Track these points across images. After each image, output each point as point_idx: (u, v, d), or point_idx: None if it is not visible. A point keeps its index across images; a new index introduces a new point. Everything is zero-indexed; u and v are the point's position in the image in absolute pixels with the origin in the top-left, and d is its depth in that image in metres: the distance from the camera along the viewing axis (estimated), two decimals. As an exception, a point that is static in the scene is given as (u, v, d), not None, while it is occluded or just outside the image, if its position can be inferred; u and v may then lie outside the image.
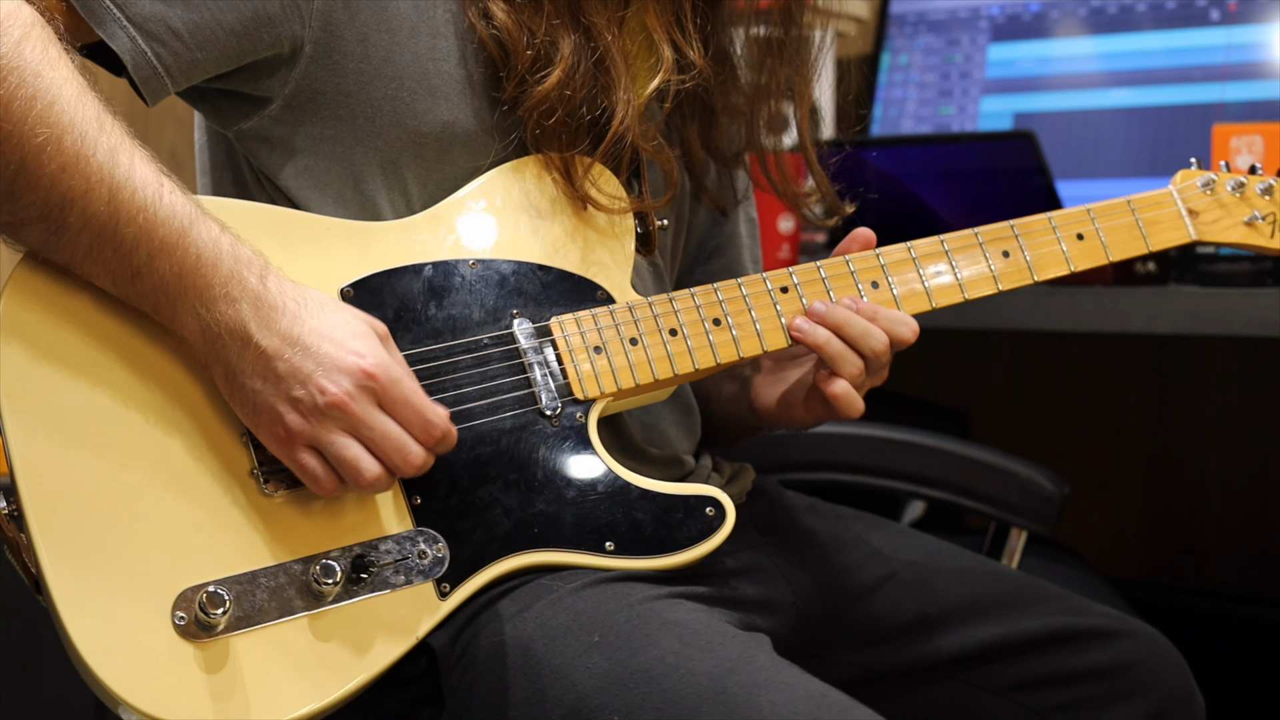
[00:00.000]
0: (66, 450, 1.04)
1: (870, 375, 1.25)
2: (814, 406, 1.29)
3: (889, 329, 1.24)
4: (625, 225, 1.25)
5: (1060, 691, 1.31)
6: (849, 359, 1.23)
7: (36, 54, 1.02)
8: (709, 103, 1.33)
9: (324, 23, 1.16)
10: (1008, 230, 1.31)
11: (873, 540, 1.38)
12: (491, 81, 1.21)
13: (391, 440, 1.06)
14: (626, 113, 1.19)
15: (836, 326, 1.23)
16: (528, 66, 1.18)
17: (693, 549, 1.16)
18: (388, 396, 1.06)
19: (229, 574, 1.05)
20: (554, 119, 1.18)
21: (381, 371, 1.06)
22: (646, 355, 1.20)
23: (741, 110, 1.35)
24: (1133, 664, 1.32)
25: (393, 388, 1.06)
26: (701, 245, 1.45)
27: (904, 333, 1.25)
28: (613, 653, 1.06)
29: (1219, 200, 1.38)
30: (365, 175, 1.20)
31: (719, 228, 1.45)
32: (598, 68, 1.19)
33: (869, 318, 1.24)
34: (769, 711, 1.02)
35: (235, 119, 1.21)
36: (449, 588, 1.10)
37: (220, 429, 1.09)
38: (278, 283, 1.07)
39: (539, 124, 1.19)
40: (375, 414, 1.06)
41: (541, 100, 1.18)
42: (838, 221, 1.38)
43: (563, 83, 1.18)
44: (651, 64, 1.24)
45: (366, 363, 1.06)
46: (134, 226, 1.03)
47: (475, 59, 1.21)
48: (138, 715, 1.01)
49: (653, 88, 1.23)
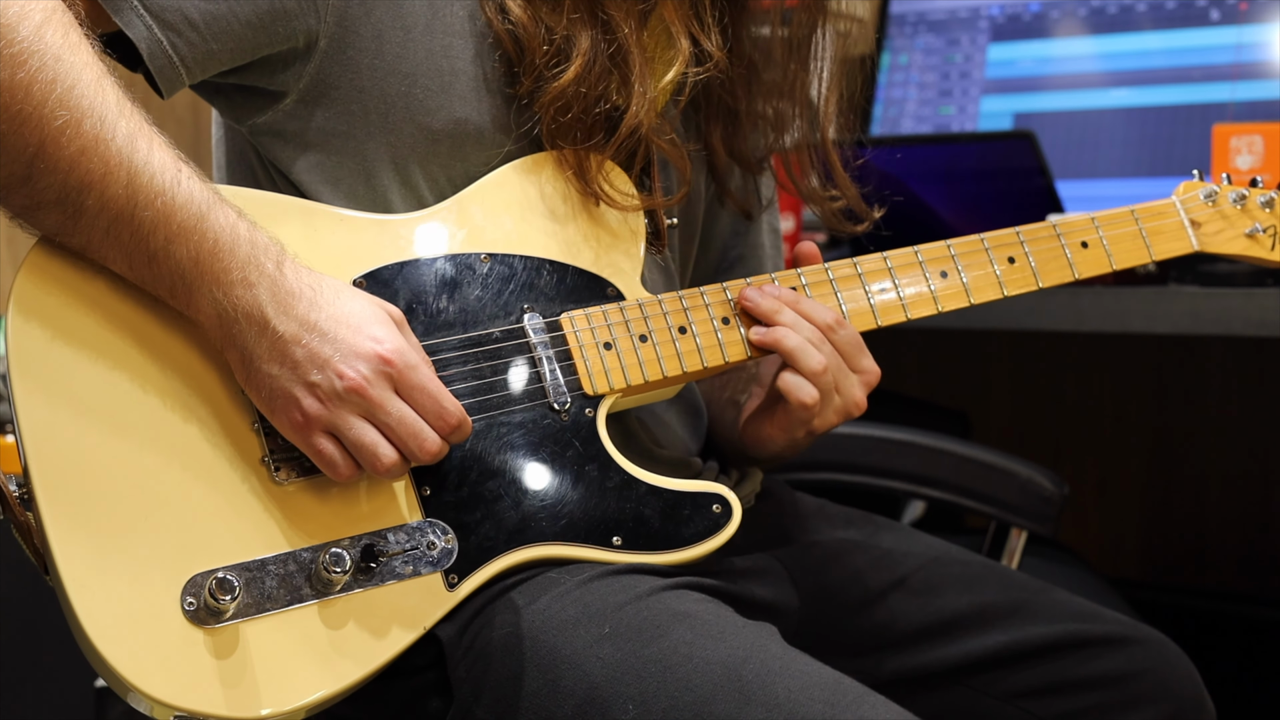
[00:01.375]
0: (78, 433, 1.05)
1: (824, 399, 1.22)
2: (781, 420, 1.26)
3: (808, 313, 1.22)
4: (636, 223, 1.26)
5: (1069, 699, 1.30)
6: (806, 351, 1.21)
7: (58, 38, 1.03)
8: (733, 106, 1.33)
9: (339, 18, 1.17)
10: (1013, 237, 1.31)
11: (882, 544, 1.38)
12: (506, 79, 1.21)
13: (408, 426, 1.07)
14: (642, 106, 1.20)
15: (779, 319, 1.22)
16: (545, 61, 1.19)
17: (699, 545, 1.16)
18: (404, 382, 1.07)
19: (239, 560, 1.06)
20: (570, 114, 1.19)
21: (398, 357, 1.07)
22: (656, 353, 1.21)
23: (764, 113, 1.35)
24: (1142, 672, 1.31)
25: (409, 374, 1.07)
26: (724, 254, 1.45)
27: (825, 315, 1.22)
28: (624, 643, 1.07)
29: (1221, 212, 1.39)
30: (377, 171, 1.20)
31: (741, 238, 1.45)
32: (614, 62, 1.20)
33: (789, 304, 1.22)
34: (784, 698, 1.03)
35: (249, 113, 1.21)
36: (457, 579, 1.11)
37: (232, 416, 1.09)
38: (294, 269, 1.08)
39: (555, 119, 1.19)
40: (392, 400, 1.07)
41: (558, 96, 1.18)
42: (867, 227, 1.37)
43: (579, 77, 1.18)
44: (669, 58, 1.24)
45: (384, 348, 1.06)
46: (152, 210, 1.04)
47: (490, 56, 1.21)
48: (146, 700, 1.02)
49: (669, 79, 1.23)
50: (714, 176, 1.36)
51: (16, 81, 1.00)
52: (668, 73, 1.24)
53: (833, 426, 1.24)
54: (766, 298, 1.23)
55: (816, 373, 1.21)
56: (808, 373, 1.21)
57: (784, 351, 1.21)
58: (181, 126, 2.16)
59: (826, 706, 1.03)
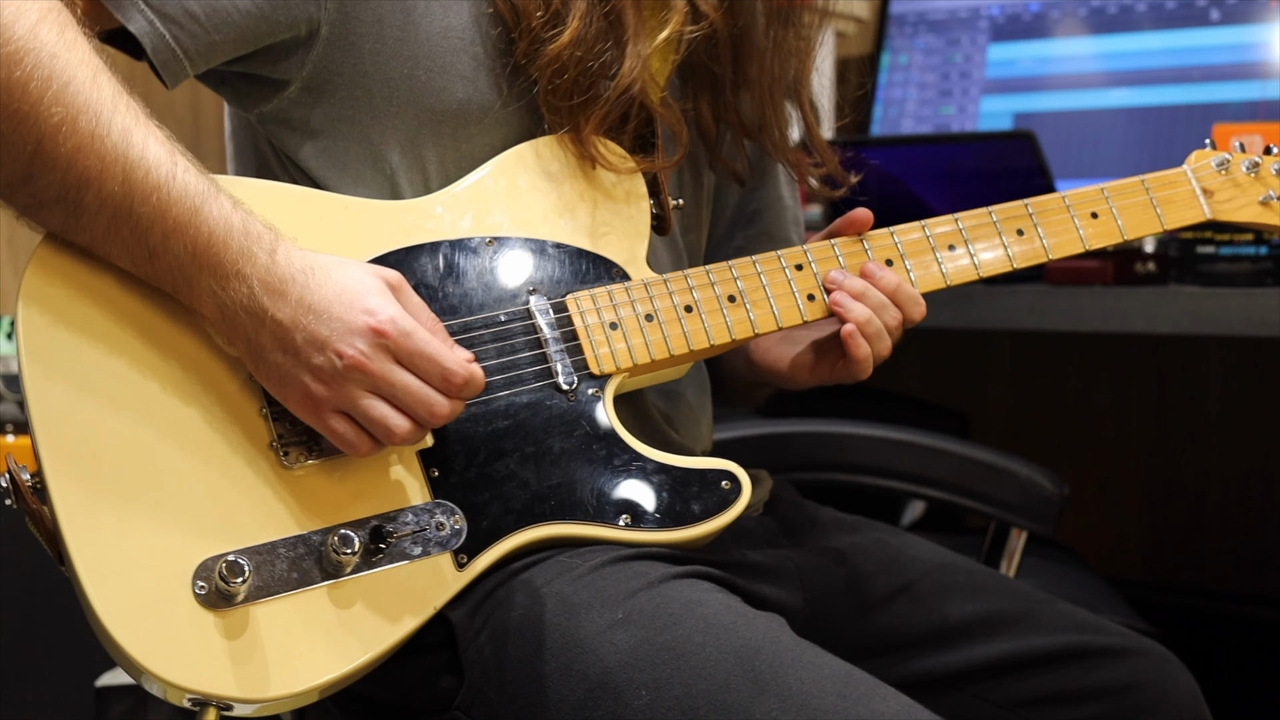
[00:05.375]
0: (90, 421, 1.05)
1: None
2: (821, 372, 1.31)
3: (904, 306, 1.26)
4: (641, 204, 1.26)
5: (1069, 709, 1.30)
6: (883, 337, 1.24)
7: (53, 36, 1.03)
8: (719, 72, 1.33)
9: (340, 4, 1.17)
10: (1022, 209, 1.31)
11: (888, 550, 1.37)
12: (507, 55, 1.22)
13: (414, 394, 1.07)
14: (636, 64, 1.20)
15: (857, 295, 1.24)
16: (541, 25, 1.19)
17: (709, 522, 1.16)
18: (403, 350, 1.07)
19: (249, 544, 1.06)
20: (566, 76, 1.19)
21: (391, 326, 1.06)
22: (662, 332, 1.21)
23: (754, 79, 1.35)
24: (1144, 684, 1.31)
25: (405, 341, 1.07)
26: (741, 208, 1.46)
27: (915, 312, 1.26)
28: (637, 630, 1.07)
29: (1234, 180, 1.37)
30: (384, 154, 1.21)
31: (757, 191, 1.46)
32: (609, 21, 1.20)
33: (889, 293, 1.25)
34: (797, 689, 1.03)
35: (255, 102, 1.22)
36: (466, 559, 1.11)
37: (240, 403, 1.10)
38: (286, 254, 1.07)
39: (551, 82, 1.20)
40: (394, 370, 1.07)
41: (554, 59, 1.19)
42: (844, 192, 1.38)
43: (575, 40, 1.19)
44: (664, 17, 1.25)
45: (376, 320, 1.06)
46: (148, 206, 1.04)
47: (489, 32, 1.22)
48: (160, 683, 1.02)
49: (663, 37, 1.23)
50: (704, 142, 1.36)
51: (14, 80, 1.01)
52: (662, 31, 1.24)
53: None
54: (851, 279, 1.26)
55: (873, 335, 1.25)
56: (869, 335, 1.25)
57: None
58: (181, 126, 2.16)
59: (839, 698, 1.03)
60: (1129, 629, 1.36)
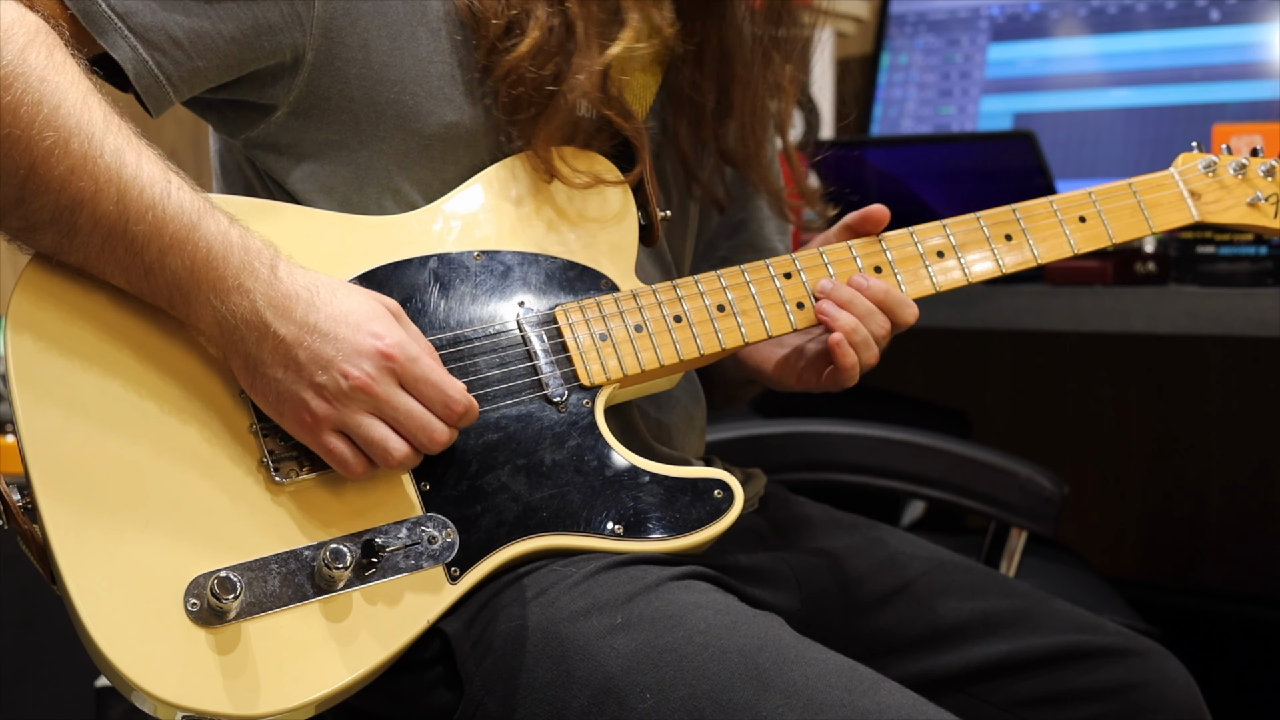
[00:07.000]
0: (80, 441, 1.05)
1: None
2: (809, 380, 1.32)
3: (894, 311, 1.25)
4: (628, 216, 1.26)
5: (1069, 709, 1.30)
6: (870, 345, 1.24)
7: (41, 59, 1.03)
8: (699, 100, 1.33)
9: (325, 30, 1.17)
10: (1010, 214, 1.31)
11: (886, 549, 1.37)
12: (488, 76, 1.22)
13: (416, 419, 1.08)
14: (588, 77, 1.20)
15: (844, 304, 1.25)
16: (499, 34, 1.20)
17: (702, 531, 1.16)
18: (408, 375, 1.08)
19: (240, 560, 1.06)
20: (521, 88, 1.20)
21: (400, 351, 1.07)
22: (652, 342, 1.21)
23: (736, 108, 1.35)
24: (1142, 684, 1.31)
25: (411, 366, 1.08)
26: (726, 219, 1.46)
27: (907, 315, 1.26)
28: (638, 634, 1.07)
29: (1221, 182, 1.37)
30: (371, 178, 1.21)
31: (740, 203, 1.46)
32: (567, 34, 1.20)
33: (878, 301, 1.25)
34: (802, 685, 1.04)
35: (242, 127, 1.22)
36: (459, 572, 1.11)
37: (231, 420, 1.10)
38: (289, 271, 1.08)
39: (508, 93, 1.20)
40: (398, 394, 1.08)
41: (511, 70, 1.19)
42: (821, 224, 1.39)
43: (532, 52, 1.19)
44: (615, 33, 1.24)
45: (385, 344, 1.07)
46: (144, 224, 1.04)
47: (467, 51, 1.21)
48: (151, 700, 1.02)
49: (613, 53, 1.23)
50: (683, 166, 1.36)
51: (4, 105, 1.01)
52: (613, 47, 1.23)
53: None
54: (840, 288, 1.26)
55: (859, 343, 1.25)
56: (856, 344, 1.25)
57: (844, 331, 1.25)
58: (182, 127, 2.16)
59: (844, 692, 1.04)
60: (1128, 629, 1.36)
